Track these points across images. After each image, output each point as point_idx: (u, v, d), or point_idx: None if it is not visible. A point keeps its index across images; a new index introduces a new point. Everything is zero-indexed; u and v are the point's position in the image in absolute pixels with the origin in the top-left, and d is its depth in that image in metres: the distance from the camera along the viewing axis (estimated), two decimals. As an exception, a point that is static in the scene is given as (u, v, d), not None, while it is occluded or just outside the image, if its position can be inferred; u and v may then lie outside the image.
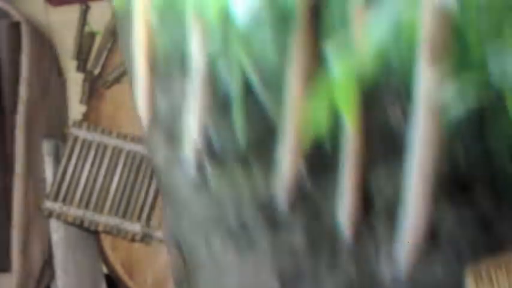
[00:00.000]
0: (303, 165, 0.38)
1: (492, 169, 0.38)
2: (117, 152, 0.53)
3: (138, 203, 0.53)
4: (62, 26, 0.61)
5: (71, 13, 0.61)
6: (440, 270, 0.37)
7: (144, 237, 0.53)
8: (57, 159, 0.54)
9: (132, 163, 0.53)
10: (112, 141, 0.53)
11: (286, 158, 0.38)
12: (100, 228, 0.52)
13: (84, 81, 0.59)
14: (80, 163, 0.53)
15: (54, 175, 0.53)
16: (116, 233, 0.52)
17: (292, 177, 0.38)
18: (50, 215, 0.52)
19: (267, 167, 0.38)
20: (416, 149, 0.37)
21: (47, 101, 0.55)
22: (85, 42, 0.60)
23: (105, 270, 0.56)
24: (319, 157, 0.37)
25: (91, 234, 0.54)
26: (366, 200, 0.38)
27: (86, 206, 0.52)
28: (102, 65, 0.58)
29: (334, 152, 0.37)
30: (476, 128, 0.37)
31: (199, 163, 0.38)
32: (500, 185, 0.38)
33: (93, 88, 0.57)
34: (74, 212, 0.52)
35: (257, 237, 0.38)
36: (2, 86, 0.52)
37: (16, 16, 0.53)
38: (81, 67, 0.60)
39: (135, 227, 0.52)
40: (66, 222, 0.52)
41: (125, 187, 0.53)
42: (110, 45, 0.58)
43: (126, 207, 0.53)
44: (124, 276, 0.53)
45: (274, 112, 0.37)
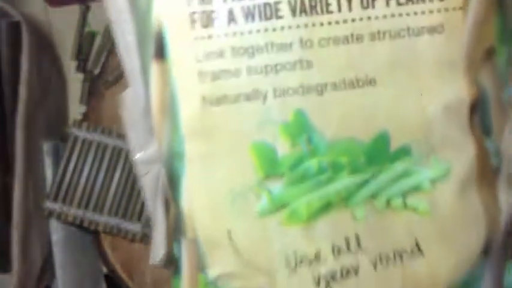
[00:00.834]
0: None
1: None
2: (117, 152, 0.53)
3: (138, 203, 0.53)
4: (62, 26, 0.61)
5: (71, 13, 0.61)
6: None
7: (144, 237, 0.53)
8: (57, 159, 0.54)
9: (132, 163, 0.53)
10: (112, 141, 0.53)
11: None
12: (100, 228, 0.52)
13: (84, 81, 0.59)
14: (80, 163, 0.53)
15: (54, 175, 0.53)
16: (116, 233, 0.52)
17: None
18: (50, 215, 0.52)
19: None
20: None
21: (47, 101, 0.55)
22: (85, 42, 0.60)
23: (105, 270, 0.56)
24: None
25: (91, 234, 0.54)
26: None
27: (86, 206, 0.52)
28: (102, 65, 0.58)
29: None
30: None
31: None
32: None
33: (93, 88, 0.57)
34: (74, 212, 0.52)
35: None
36: (2, 86, 0.52)
37: (16, 16, 0.53)
38: (81, 67, 0.60)
39: (135, 227, 0.52)
40: (66, 222, 0.52)
41: (124, 187, 0.53)
42: (110, 45, 0.58)
43: (126, 207, 0.53)
44: (124, 276, 0.53)
45: None
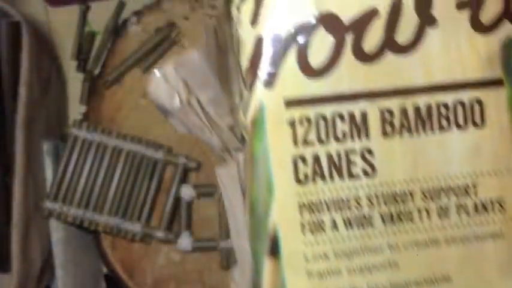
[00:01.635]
0: None
1: None
2: (117, 152, 0.53)
3: (138, 203, 0.53)
4: (62, 26, 0.61)
5: (71, 13, 0.61)
6: None
7: (144, 237, 0.53)
8: (57, 159, 0.54)
9: (132, 163, 0.53)
10: (112, 141, 0.53)
11: None
12: (100, 228, 0.52)
13: (84, 81, 0.59)
14: (80, 163, 0.53)
15: (54, 175, 0.53)
16: (116, 233, 0.52)
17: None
18: (50, 215, 0.52)
19: None
20: None
21: (47, 101, 0.55)
22: (85, 42, 0.60)
23: (105, 270, 0.56)
24: None
25: (91, 234, 0.54)
26: None
27: (86, 206, 0.52)
28: (102, 65, 0.58)
29: None
30: None
31: None
32: None
33: (93, 88, 0.57)
34: (73, 212, 0.52)
35: None
36: (2, 86, 0.52)
37: (16, 16, 0.53)
38: (81, 67, 0.60)
39: (135, 227, 0.52)
40: (66, 222, 0.52)
41: (124, 187, 0.53)
42: (109, 45, 0.58)
43: (126, 207, 0.53)
44: (124, 276, 0.53)
45: None
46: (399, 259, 0.34)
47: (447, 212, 0.34)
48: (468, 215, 0.34)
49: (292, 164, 0.33)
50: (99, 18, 0.60)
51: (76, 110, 0.59)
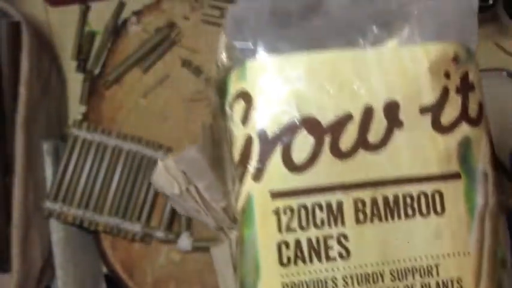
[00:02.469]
0: None
1: None
2: (117, 152, 0.53)
3: (138, 203, 0.53)
4: (62, 26, 0.61)
5: (71, 13, 0.61)
6: None
7: (144, 237, 0.53)
8: (57, 159, 0.54)
9: (132, 163, 0.53)
10: (112, 141, 0.53)
11: None
12: (100, 228, 0.52)
13: (84, 81, 0.59)
14: (80, 163, 0.53)
15: (54, 175, 0.53)
16: (116, 233, 0.52)
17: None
18: (50, 215, 0.52)
19: None
20: None
21: (47, 101, 0.55)
22: (85, 42, 0.60)
23: (105, 270, 0.56)
24: None
25: (91, 234, 0.54)
26: None
27: (86, 206, 0.52)
28: (102, 65, 0.58)
29: None
30: None
31: None
32: None
33: (93, 88, 0.57)
34: (74, 212, 0.52)
35: None
36: (2, 86, 0.52)
37: (16, 16, 0.53)
38: (81, 67, 0.60)
39: (135, 227, 0.52)
40: (66, 222, 0.52)
41: (124, 187, 0.53)
42: (110, 45, 0.58)
43: (126, 207, 0.53)
44: (124, 276, 0.53)
45: None
46: None
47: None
48: None
49: (276, 248, 0.37)
50: (99, 18, 0.60)
51: (76, 110, 0.59)
